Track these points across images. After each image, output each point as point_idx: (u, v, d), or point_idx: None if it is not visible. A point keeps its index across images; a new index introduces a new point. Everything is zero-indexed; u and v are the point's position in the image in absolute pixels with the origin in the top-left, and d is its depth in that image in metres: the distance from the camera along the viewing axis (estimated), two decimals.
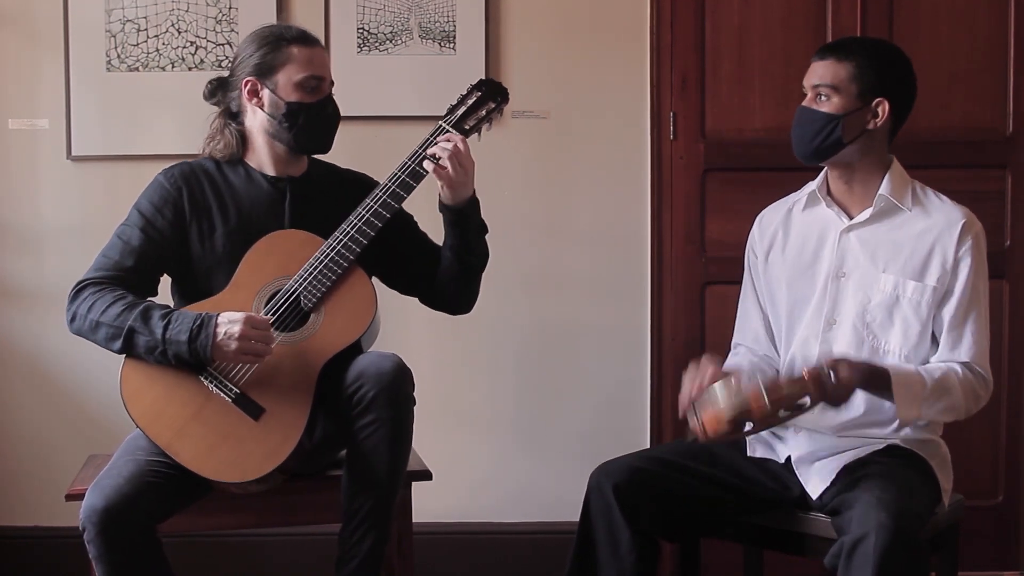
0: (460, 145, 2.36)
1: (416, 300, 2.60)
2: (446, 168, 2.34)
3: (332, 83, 2.47)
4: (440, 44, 3.20)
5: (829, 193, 2.44)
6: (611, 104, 3.25)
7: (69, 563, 2.96)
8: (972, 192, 3.16)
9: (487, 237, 2.50)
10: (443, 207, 2.42)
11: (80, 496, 2.23)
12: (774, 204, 2.56)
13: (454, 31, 3.20)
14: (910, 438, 2.33)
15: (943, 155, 3.20)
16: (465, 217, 2.42)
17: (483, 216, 2.47)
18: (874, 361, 2.28)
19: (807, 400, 2.14)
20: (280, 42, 2.41)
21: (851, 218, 2.40)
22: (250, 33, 2.47)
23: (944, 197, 2.40)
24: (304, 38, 2.43)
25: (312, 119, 2.41)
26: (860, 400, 2.31)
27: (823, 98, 2.34)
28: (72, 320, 2.32)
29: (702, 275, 3.24)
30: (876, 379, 2.23)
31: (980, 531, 3.21)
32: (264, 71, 2.41)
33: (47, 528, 3.23)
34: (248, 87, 2.42)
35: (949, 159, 3.20)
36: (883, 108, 2.33)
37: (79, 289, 2.34)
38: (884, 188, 2.36)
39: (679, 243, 3.24)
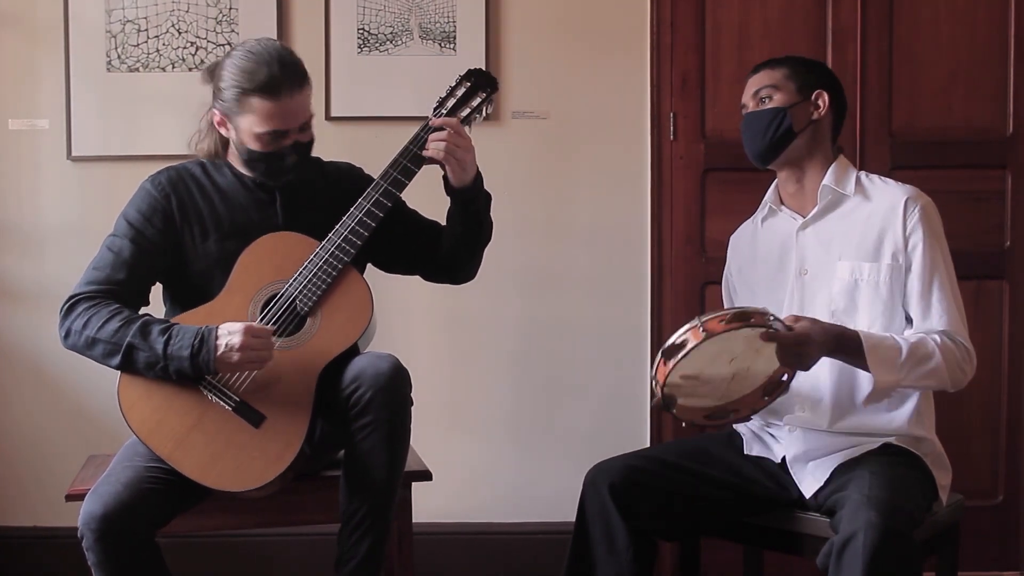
0: (455, 131, 2.34)
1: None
2: (452, 158, 2.33)
3: (308, 118, 2.37)
4: (440, 44, 3.20)
5: (781, 201, 2.50)
6: (611, 104, 3.25)
7: (69, 563, 2.96)
8: (972, 192, 3.17)
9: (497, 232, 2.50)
10: (452, 190, 2.40)
11: (80, 496, 2.23)
12: (742, 224, 2.61)
13: (454, 31, 3.20)
14: (904, 436, 2.33)
15: (943, 155, 3.20)
16: (475, 194, 2.40)
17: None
18: (846, 324, 2.28)
19: (784, 376, 2.16)
20: (245, 92, 2.29)
21: (804, 217, 2.43)
22: (236, 53, 2.34)
23: (889, 180, 2.43)
24: (270, 87, 2.27)
25: (270, 167, 2.37)
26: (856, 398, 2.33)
27: (766, 100, 2.43)
28: (66, 337, 2.30)
29: (702, 275, 3.24)
30: (846, 342, 2.22)
31: (980, 531, 3.20)
32: (229, 112, 2.34)
33: (47, 528, 3.23)
34: (217, 118, 2.38)
35: (949, 159, 3.20)
36: (823, 99, 2.42)
37: (72, 304, 2.30)
38: (827, 180, 2.41)
39: (679, 243, 3.24)
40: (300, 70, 2.33)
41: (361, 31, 3.20)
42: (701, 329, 2.07)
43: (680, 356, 2.07)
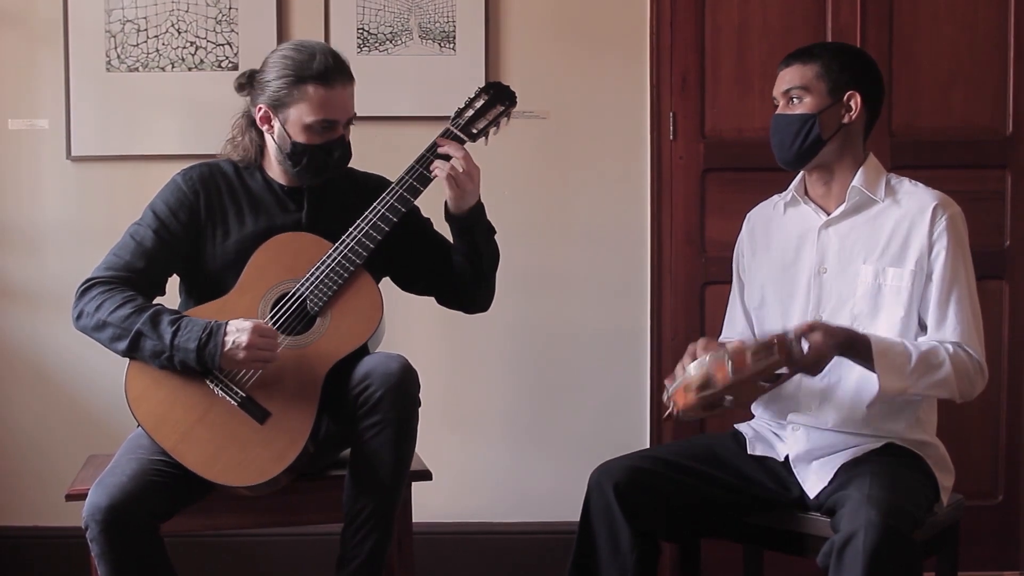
0: (464, 160, 2.35)
1: (420, 301, 2.60)
2: (452, 181, 2.34)
3: (352, 118, 2.41)
4: (440, 44, 3.20)
5: (807, 193, 2.47)
6: (611, 104, 3.25)
7: (69, 563, 2.96)
8: (972, 192, 3.17)
9: (496, 236, 2.50)
10: (449, 216, 2.42)
11: (80, 496, 2.23)
12: (760, 205, 2.59)
13: (454, 31, 3.20)
14: (907, 438, 2.34)
15: (943, 155, 3.20)
16: (472, 224, 2.41)
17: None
18: (855, 328, 2.27)
19: (784, 368, 2.14)
20: (299, 80, 2.33)
21: (828, 214, 2.42)
22: (281, 49, 2.39)
23: (919, 184, 2.41)
24: (325, 76, 2.32)
25: (315, 161, 2.38)
26: (860, 396, 2.32)
27: (795, 101, 2.37)
28: (78, 317, 2.31)
29: (702, 275, 3.24)
30: (856, 347, 2.22)
31: (980, 531, 3.21)
32: (277, 104, 2.36)
33: (47, 528, 3.22)
34: (261, 113, 2.38)
35: (949, 159, 3.20)
36: (855, 101, 2.37)
37: (88, 287, 2.32)
38: (857, 181, 2.39)
39: (679, 243, 3.24)
40: (348, 67, 2.39)
41: (361, 31, 3.20)
42: (730, 368, 2.09)
43: (707, 392, 2.11)
